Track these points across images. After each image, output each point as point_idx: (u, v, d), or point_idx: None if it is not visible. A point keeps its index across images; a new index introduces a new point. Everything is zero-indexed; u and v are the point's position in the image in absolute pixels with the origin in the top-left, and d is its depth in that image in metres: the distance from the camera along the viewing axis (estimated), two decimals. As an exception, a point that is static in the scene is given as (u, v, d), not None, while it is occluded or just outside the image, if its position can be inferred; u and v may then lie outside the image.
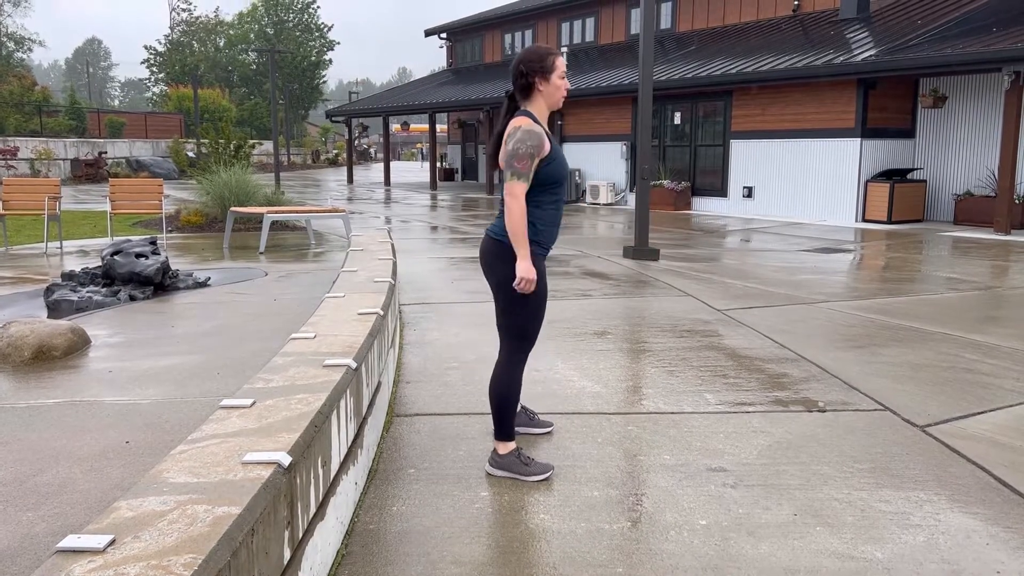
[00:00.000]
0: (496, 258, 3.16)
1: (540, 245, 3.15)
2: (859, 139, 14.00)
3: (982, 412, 4.00)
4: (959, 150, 14.29)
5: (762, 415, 3.95)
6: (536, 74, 3.13)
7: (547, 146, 3.07)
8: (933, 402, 4.16)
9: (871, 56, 13.25)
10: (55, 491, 2.88)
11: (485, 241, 3.25)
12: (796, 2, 18.02)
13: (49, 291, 6.46)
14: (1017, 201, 12.62)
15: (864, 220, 14.09)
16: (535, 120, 3.12)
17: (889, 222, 13.70)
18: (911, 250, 10.50)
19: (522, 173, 3.03)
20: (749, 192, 15.95)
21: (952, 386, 4.43)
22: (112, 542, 1.60)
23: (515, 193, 3.03)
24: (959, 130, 14.27)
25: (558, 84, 3.16)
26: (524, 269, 3.05)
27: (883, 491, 3.09)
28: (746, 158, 16.01)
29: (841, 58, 13.65)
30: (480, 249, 3.29)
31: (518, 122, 3.10)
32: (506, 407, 3.22)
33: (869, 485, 3.15)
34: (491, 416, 3.28)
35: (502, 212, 3.13)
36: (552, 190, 3.15)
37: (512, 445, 3.24)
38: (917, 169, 14.49)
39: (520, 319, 3.19)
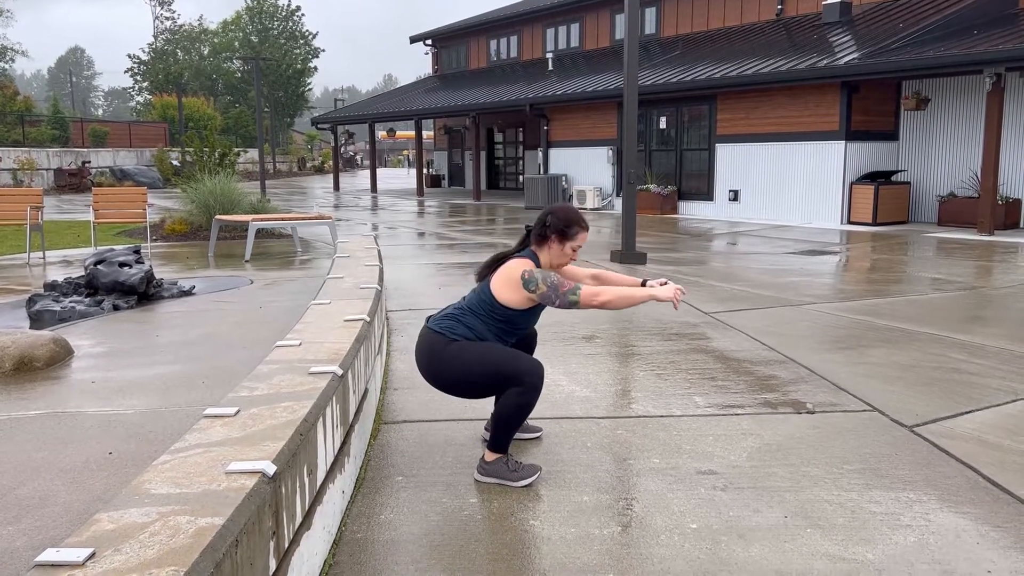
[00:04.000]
0: (440, 350, 3.18)
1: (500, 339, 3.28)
2: (843, 142, 14.09)
3: (970, 411, 4.01)
4: (942, 152, 14.40)
5: (751, 417, 3.94)
6: (555, 233, 3.26)
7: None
8: (921, 402, 4.16)
9: (854, 59, 13.34)
10: (36, 504, 2.83)
11: (425, 333, 3.28)
12: (779, 6, 18.13)
13: (31, 301, 6.39)
14: (1000, 202, 12.72)
15: (849, 222, 14.16)
16: (537, 267, 3.27)
17: (874, 224, 13.77)
18: (896, 251, 10.56)
19: (569, 290, 3.13)
20: (735, 195, 16.00)
21: (939, 386, 4.44)
22: (92, 555, 1.56)
23: (587, 301, 3.14)
24: (942, 132, 14.37)
25: (567, 252, 3.29)
26: (663, 292, 3.20)
27: (873, 492, 3.09)
28: (731, 162, 16.07)
29: (824, 61, 13.74)
30: (418, 346, 3.29)
31: (527, 265, 3.21)
32: (511, 427, 3.17)
33: (859, 486, 3.14)
34: (480, 422, 3.25)
35: (451, 313, 3.26)
36: (509, 329, 3.26)
37: (501, 453, 3.22)
38: (901, 171, 14.59)
39: (486, 369, 3.13)
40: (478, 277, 3.38)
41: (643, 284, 3.38)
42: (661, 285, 3.28)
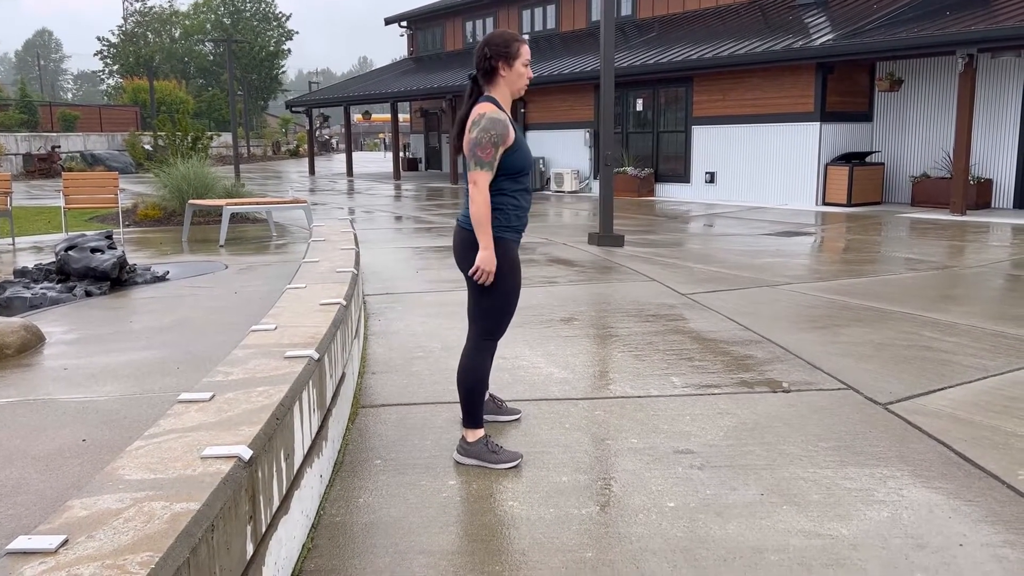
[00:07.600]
0: (468, 247, 3.13)
1: (514, 230, 3.14)
2: (818, 123, 14.16)
3: (942, 388, 4.07)
4: (915, 133, 14.52)
5: (728, 397, 3.97)
6: (500, 59, 3.08)
7: (511, 134, 3.03)
8: (894, 380, 4.21)
9: (829, 40, 13.39)
10: (9, 492, 2.79)
11: (456, 231, 3.23)
12: (755, -12, 18.13)
13: (1, 288, 6.28)
14: (972, 182, 12.86)
15: (824, 203, 14.26)
16: (498, 106, 3.07)
17: (849, 205, 13.89)
18: (871, 232, 10.66)
19: (485, 162, 2.99)
20: (711, 177, 16.06)
21: (912, 364, 4.50)
22: (65, 542, 1.54)
23: (478, 182, 3.00)
24: (915, 113, 14.49)
25: (521, 71, 3.11)
26: (484, 259, 3.02)
27: (847, 469, 3.12)
28: (708, 144, 16.11)
29: (800, 43, 13.77)
30: (453, 239, 3.25)
31: (482, 109, 3.04)
32: (474, 395, 3.20)
33: (834, 463, 3.18)
34: (459, 404, 3.25)
35: (466, 201, 3.10)
36: (517, 178, 3.12)
37: (480, 433, 3.22)
38: (875, 152, 14.70)
39: (494, 307, 3.16)
40: (454, 148, 3.23)
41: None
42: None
